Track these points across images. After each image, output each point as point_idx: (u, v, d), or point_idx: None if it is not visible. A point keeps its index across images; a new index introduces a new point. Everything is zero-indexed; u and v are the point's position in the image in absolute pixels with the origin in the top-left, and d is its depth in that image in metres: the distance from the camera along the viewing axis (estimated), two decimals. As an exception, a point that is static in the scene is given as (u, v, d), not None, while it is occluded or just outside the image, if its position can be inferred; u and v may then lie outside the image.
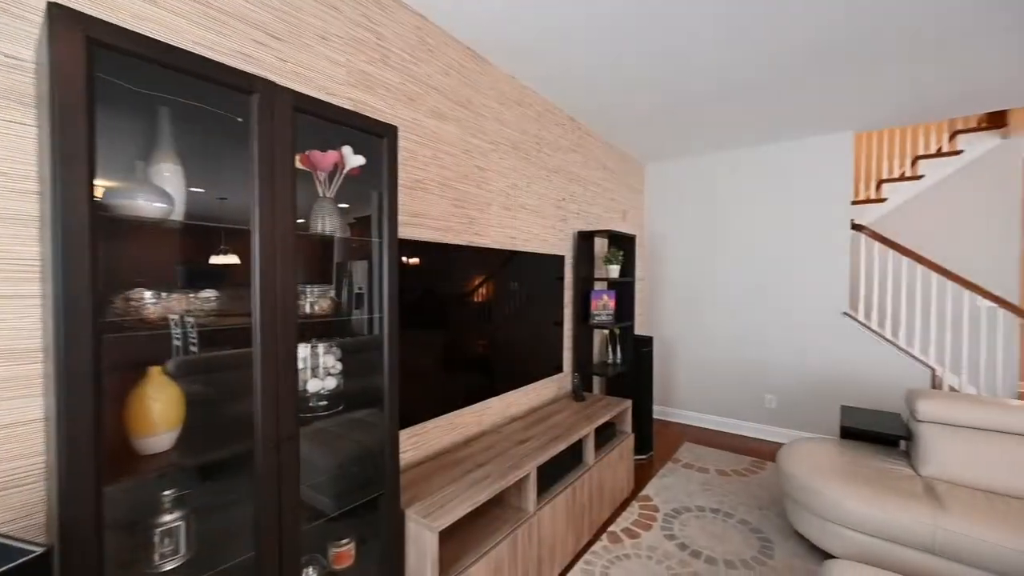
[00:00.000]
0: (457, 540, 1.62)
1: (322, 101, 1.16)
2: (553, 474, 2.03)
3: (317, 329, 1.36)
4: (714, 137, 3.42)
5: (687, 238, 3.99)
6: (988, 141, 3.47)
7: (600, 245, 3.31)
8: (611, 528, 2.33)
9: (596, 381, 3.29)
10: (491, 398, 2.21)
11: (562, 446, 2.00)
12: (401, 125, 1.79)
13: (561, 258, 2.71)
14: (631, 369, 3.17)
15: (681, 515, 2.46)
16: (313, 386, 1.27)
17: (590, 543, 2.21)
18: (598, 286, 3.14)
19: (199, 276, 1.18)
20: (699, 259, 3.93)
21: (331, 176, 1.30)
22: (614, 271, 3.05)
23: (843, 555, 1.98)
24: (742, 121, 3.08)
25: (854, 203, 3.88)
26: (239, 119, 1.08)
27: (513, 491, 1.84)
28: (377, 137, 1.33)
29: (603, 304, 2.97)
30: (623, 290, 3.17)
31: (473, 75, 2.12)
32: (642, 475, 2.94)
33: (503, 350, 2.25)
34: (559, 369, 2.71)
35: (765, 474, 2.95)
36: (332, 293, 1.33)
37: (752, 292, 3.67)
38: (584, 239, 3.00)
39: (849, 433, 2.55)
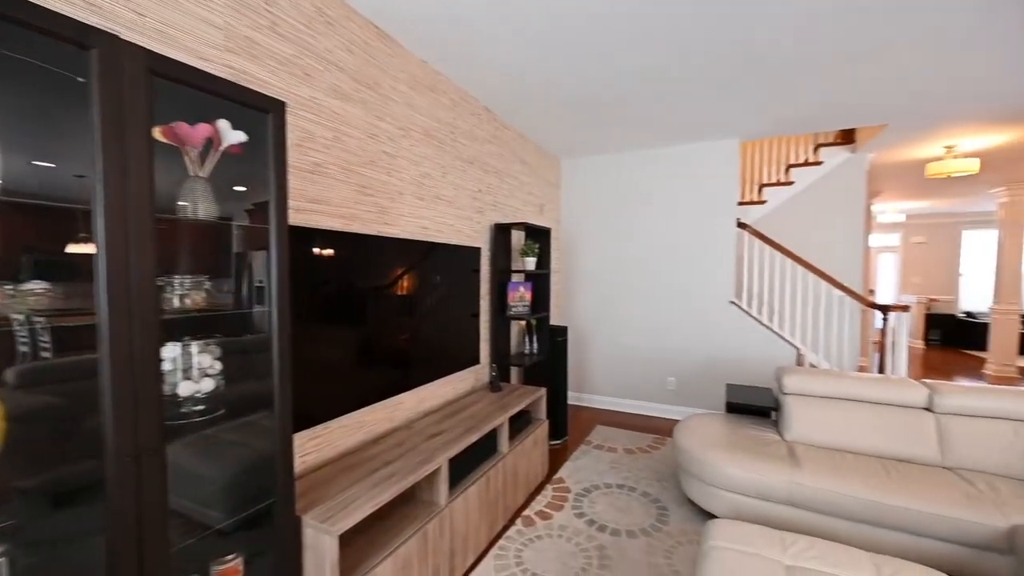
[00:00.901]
0: (364, 541, 1.56)
1: (187, 65, 1.03)
2: (467, 465, 2.03)
3: (196, 325, 1.21)
4: (624, 137, 3.62)
5: (600, 232, 4.20)
6: (841, 154, 4.09)
7: (517, 237, 3.36)
8: (525, 512, 2.40)
9: (514, 371, 3.35)
10: (404, 393, 2.15)
11: (475, 437, 2.01)
12: (296, 102, 1.65)
13: (478, 250, 2.71)
14: (547, 358, 3.28)
15: (591, 493, 2.61)
16: (185, 389, 1.13)
17: (505, 528, 2.26)
18: (515, 278, 3.19)
19: (50, 268, 0.99)
20: (611, 252, 4.17)
21: (204, 153, 1.15)
22: (531, 263, 3.12)
23: (724, 515, 2.24)
24: (648, 124, 3.30)
25: (740, 204, 4.37)
26: (80, 79, 0.91)
27: (424, 486, 1.81)
28: (261, 112, 1.20)
29: (520, 296, 3.03)
30: (539, 282, 3.25)
31: (381, 56, 2.02)
32: (557, 459, 3.06)
33: (418, 343, 2.20)
34: (476, 361, 2.72)
35: (665, 449, 3.23)
36: (208, 285, 1.19)
37: (656, 283, 3.98)
38: (501, 231, 3.02)
39: (732, 407, 2.88)
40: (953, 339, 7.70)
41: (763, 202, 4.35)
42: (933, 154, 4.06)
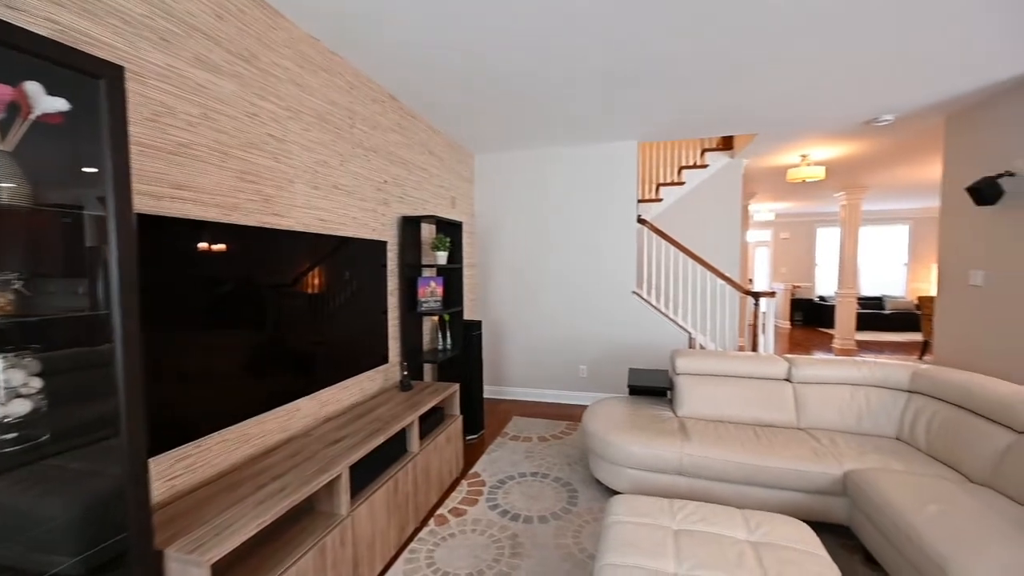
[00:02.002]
0: (252, 565, 1.40)
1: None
2: (372, 469, 1.93)
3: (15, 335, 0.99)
4: (534, 135, 3.69)
5: (514, 226, 4.26)
6: (722, 159, 4.59)
7: (428, 231, 3.27)
8: (439, 511, 2.36)
9: (427, 368, 3.27)
10: (300, 399, 1.98)
11: (381, 439, 1.92)
12: (147, 70, 1.41)
13: (384, 244, 2.58)
14: (461, 354, 3.25)
15: (505, 484, 2.64)
16: (-12, 414, 0.91)
17: (417, 530, 2.19)
18: (426, 273, 3.10)
19: None
20: (525, 246, 4.25)
21: (7, 123, 0.93)
22: (442, 257, 3.05)
23: (627, 491, 2.40)
24: (555, 124, 3.40)
25: (641, 201, 4.69)
26: None
27: (323, 496, 1.69)
28: (92, 78, 1.00)
29: (431, 291, 2.95)
30: (452, 276, 3.20)
31: (259, 26, 1.81)
32: (473, 454, 3.05)
33: (317, 345, 2.03)
34: (385, 360, 2.59)
35: (576, 435, 3.39)
36: (18, 284, 0.96)
37: (567, 276, 4.14)
38: (410, 224, 2.91)
39: (634, 390, 3.10)
40: (811, 319, 9.10)
41: (660, 200, 4.72)
42: (792, 162, 4.72)
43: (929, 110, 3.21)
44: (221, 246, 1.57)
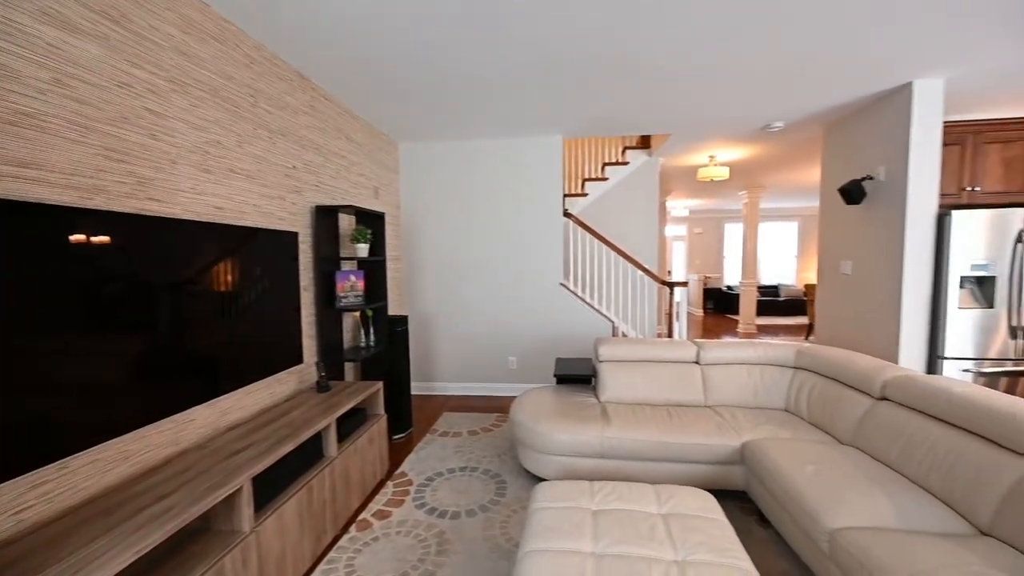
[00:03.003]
0: (127, 602, 1.22)
1: None
2: (281, 479, 1.79)
3: None
4: (461, 126, 3.62)
5: (442, 218, 4.17)
6: (641, 157, 4.85)
7: (347, 222, 3.08)
8: (362, 516, 2.25)
9: (349, 367, 3.10)
10: (194, 408, 1.77)
11: (291, 446, 1.77)
12: (-29, 20, 1.16)
13: (295, 235, 2.38)
14: (387, 350, 3.12)
15: (434, 482, 2.58)
16: None
17: (336, 539, 2.08)
18: (346, 266, 2.93)
19: None
20: (454, 238, 4.18)
21: None
22: (363, 250, 2.90)
23: (553, 477, 2.46)
24: (481, 116, 3.37)
25: (567, 195, 4.83)
26: None
27: (221, 512, 1.52)
28: None
29: (351, 285, 2.80)
30: (374, 269, 3.06)
31: (130, -18, 1.57)
32: (400, 453, 2.96)
33: (215, 347, 1.83)
34: (299, 360, 2.41)
35: (505, 427, 3.41)
36: None
37: (496, 268, 4.14)
38: (326, 215, 2.72)
39: (561, 379, 3.19)
40: (721, 307, 10.01)
41: (585, 194, 4.89)
42: (701, 162, 5.12)
43: (811, 119, 3.63)
44: (88, 236, 1.34)
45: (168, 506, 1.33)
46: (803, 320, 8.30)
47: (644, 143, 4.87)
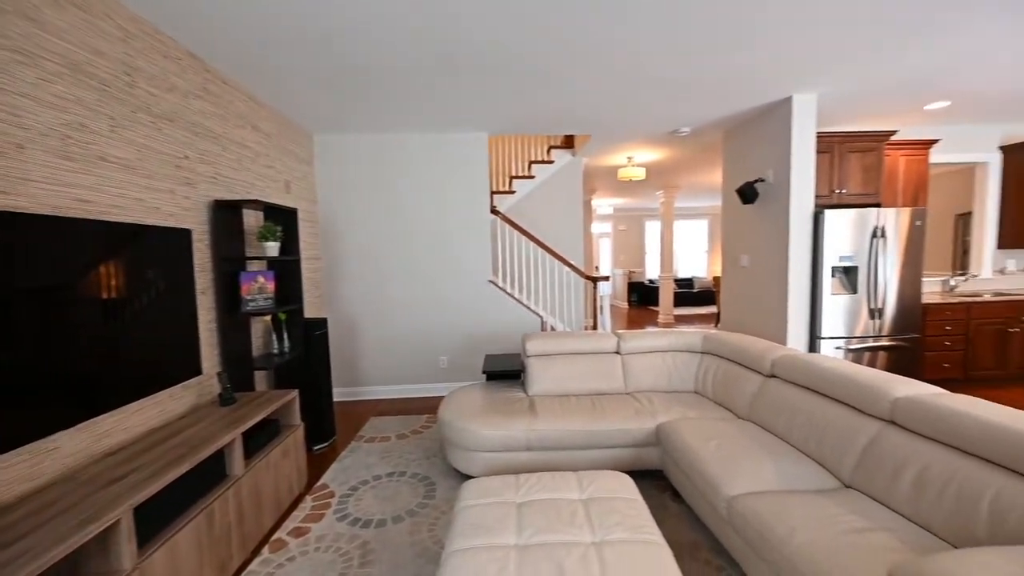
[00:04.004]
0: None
1: None
2: (173, 506, 1.60)
3: None
4: (382, 119, 3.48)
5: (364, 215, 3.98)
6: (565, 156, 5.00)
7: (255, 219, 2.83)
8: (276, 535, 2.09)
9: (261, 376, 2.86)
10: (58, 433, 1.52)
11: (185, 468, 1.59)
12: None
13: (188, 232, 2.13)
14: (303, 356, 2.92)
15: (358, 491, 2.47)
16: None
17: (246, 563, 1.90)
18: (254, 267, 2.69)
19: None
20: (377, 235, 4.01)
21: None
22: (272, 248, 2.68)
23: (482, 474, 2.46)
24: (403, 109, 3.26)
25: (495, 192, 4.85)
26: None
27: (94, 551, 1.32)
28: None
29: (259, 287, 2.57)
30: (287, 270, 2.84)
31: (-51, -74, 1.30)
32: (321, 464, 2.79)
33: (88, 363, 1.58)
34: (197, 371, 2.17)
35: (435, 427, 3.36)
36: None
37: (423, 266, 4.05)
38: (227, 210, 2.48)
39: (490, 375, 3.20)
40: (644, 299, 10.67)
41: (513, 192, 4.94)
42: (621, 162, 5.40)
43: (712, 126, 3.97)
44: None
45: (22, 550, 1.13)
46: (713, 309, 9.11)
47: (568, 143, 5.03)
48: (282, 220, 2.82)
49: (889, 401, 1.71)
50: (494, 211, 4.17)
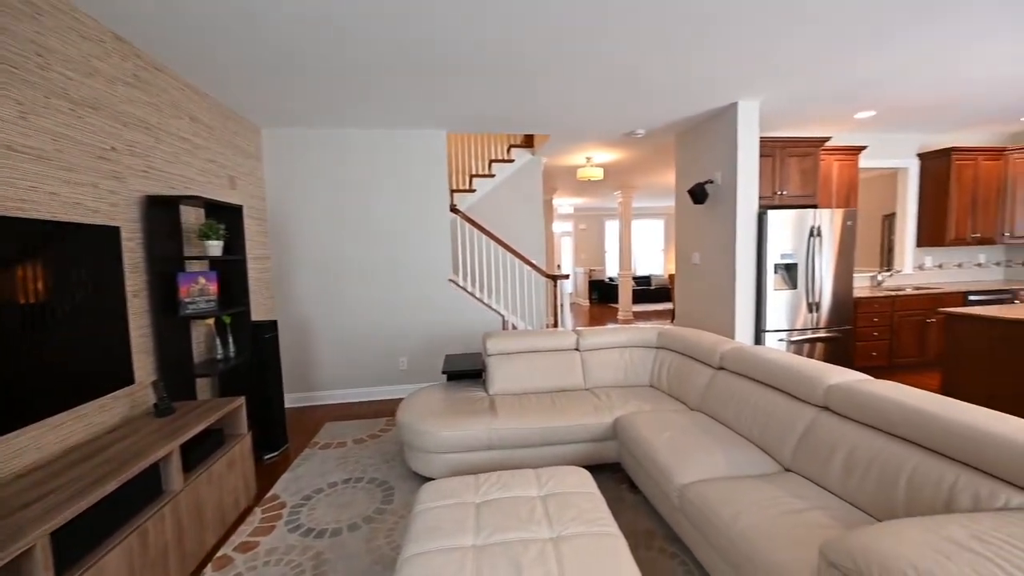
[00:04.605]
0: None
1: None
2: (100, 528, 1.47)
3: None
4: (338, 113, 3.36)
5: (319, 212, 3.83)
6: (525, 155, 5.02)
7: (195, 216, 2.66)
8: (221, 552, 1.97)
9: (204, 383, 2.69)
10: (-42, 455, 1.36)
11: (112, 486, 1.46)
12: None
13: (115, 231, 1.96)
14: (251, 361, 2.77)
15: (311, 500, 2.37)
16: None
17: (186, 585, 1.78)
18: (194, 267, 2.52)
19: None
20: (333, 234, 3.87)
21: None
22: (215, 247, 2.52)
23: (441, 476, 2.42)
24: (360, 103, 3.16)
25: (456, 191, 4.81)
26: None
27: (3, 585, 1.19)
28: None
29: (200, 288, 2.41)
30: (231, 270, 2.68)
31: None
32: (272, 474, 2.66)
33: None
34: (129, 380, 2.00)
35: (394, 430, 3.28)
36: None
37: (382, 265, 3.95)
38: (161, 207, 2.30)
39: (451, 376, 3.16)
40: (604, 297, 10.92)
41: (474, 190, 4.91)
42: (580, 163, 5.50)
43: (666, 128, 4.11)
44: None
45: (-96, 591, 0.99)
46: (670, 306, 9.46)
47: (528, 142, 5.05)
48: (226, 217, 2.67)
49: (823, 389, 1.83)
50: (454, 209, 4.13)
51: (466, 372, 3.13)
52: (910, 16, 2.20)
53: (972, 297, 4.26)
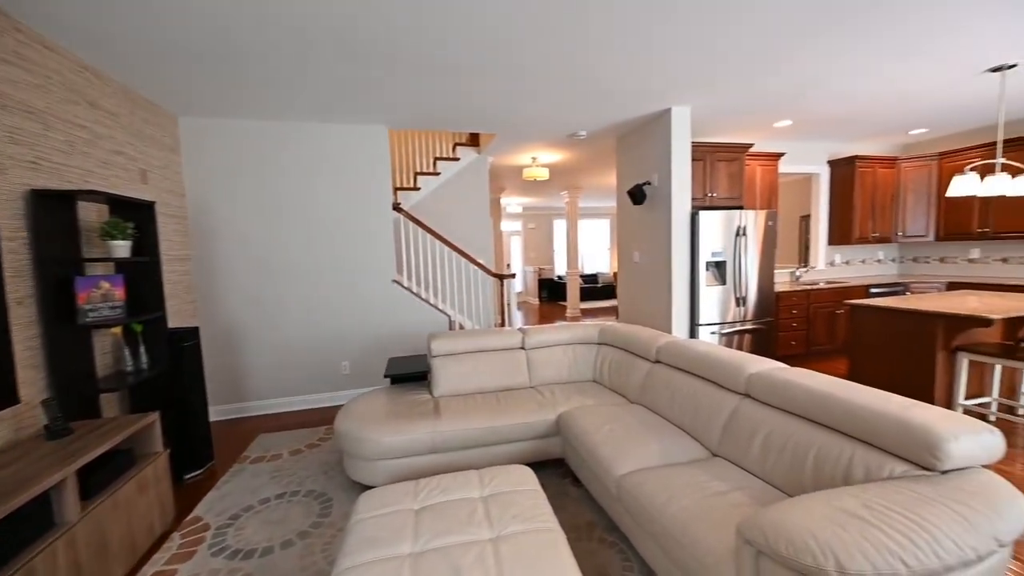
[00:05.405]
0: None
1: None
2: (-28, 571, 1.28)
3: None
4: (268, 104, 3.15)
5: (250, 209, 3.58)
6: (471, 154, 4.99)
7: (97, 213, 2.38)
8: (131, 585, 1.78)
9: (112, 399, 2.42)
10: None
11: (-14, 521, 1.27)
12: None
13: (-8, 229, 1.72)
14: (169, 372, 2.53)
15: (239, 519, 2.20)
16: None
17: (87, 626, 1.59)
18: (98, 269, 2.26)
19: None
20: (265, 233, 3.63)
21: None
22: (121, 248, 2.27)
23: (383, 484, 2.34)
24: (291, 94, 2.97)
25: (400, 189, 4.68)
26: None
27: None
28: None
29: (102, 294, 2.17)
30: (142, 273, 2.44)
31: None
32: (195, 494, 2.45)
33: None
34: (12, 400, 1.76)
35: (335, 438, 3.13)
36: None
37: (321, 266, 3.76)
38: (54, 203, 2.04)
39: (395, 379, 3.07)
40: (554, 295, 11.11)
41: (418, 188, 4.80)
42: (526, 162, 5.55)
43: (606, 131, 4.24)
44: None
45: None
46: (616, 303, 9.80)
47: (474, 141, 5.02)
48: (135, 215, 2.42)
49: (744, 378, 1.96)
50: (397, 208, 4.02)
51: (410, 375, 3.05)
52: (808, 39, 2.42)
53: (873, 290, 4.77)
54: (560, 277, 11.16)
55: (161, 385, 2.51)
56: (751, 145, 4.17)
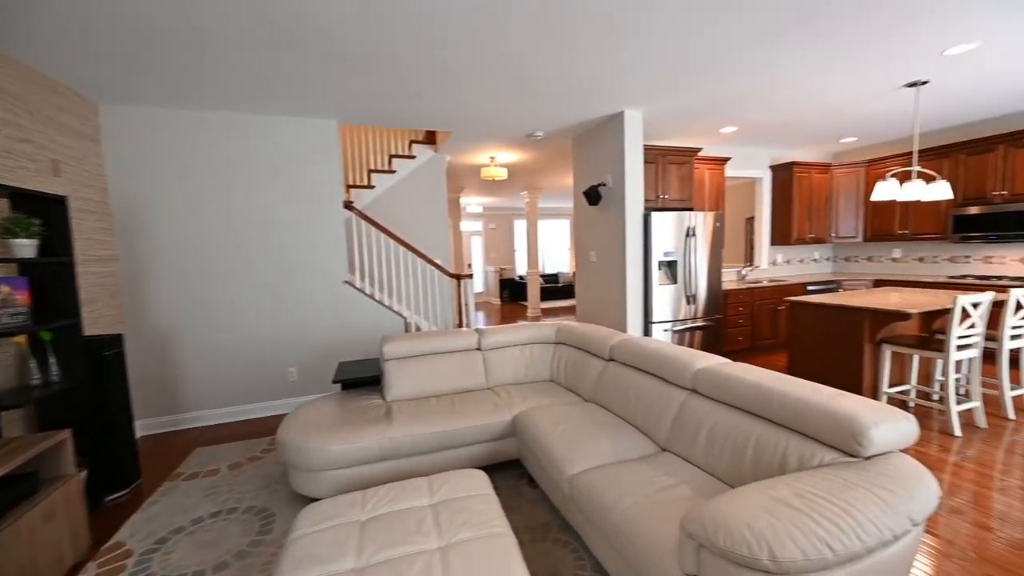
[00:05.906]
0: None
1: None
2: None
3: None
4: (203, 91, 2.92)
5: (185, 206, 3.32)
6: (428, 152, 4.89)
7: (-5, 208, 2.12)
8: (34, 625, 1.59)
9: (14, 416, 2.16)
10: None
11: None
12: None
13: None
14: (87, 384, 2.29)
15: (167, 543, 2.02)
16: None
17: (-23, 676, 1.40)
18: (-6, 272, 2.01)
19: None
20: (203, 232, 3.38)
21: None
22: (26, 248, 2.03)
23: (330, 495, 2.23)
24: (231, 83, 2.78)
25: (351, 187, 4.51)
26: None
27: None
28: None
29: (2, 299, 1.92)
30: (51, 275, 2.19)
31: None
32: (117, 517, 2.23)
33: None
34: None
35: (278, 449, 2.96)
36: None
37: (265, 266, 3.55)
38: (-63, 195, 1.79)
39: (345, 384, 2.94)
40: (515, 295, 11.13)
41: (372, 187, 4.65)
42: (484, 162, 5.51)
43: (562, 132, 4.28)
44: None
45: None
46: (575, 302, 9.95)
47: (431, 138, 4.92)
48: (44, 211, 2.17)
49: (691, 373, 2.02)
50: (349, 206, 3.86)
51: (362, 379, 2.93)
52: (744, 52, 2.54)
53: (810, 287, 5.09)
54: (521, 277, 11.20)
55: (76, 399, 2.27)
56: (700, 149, 4.34)
